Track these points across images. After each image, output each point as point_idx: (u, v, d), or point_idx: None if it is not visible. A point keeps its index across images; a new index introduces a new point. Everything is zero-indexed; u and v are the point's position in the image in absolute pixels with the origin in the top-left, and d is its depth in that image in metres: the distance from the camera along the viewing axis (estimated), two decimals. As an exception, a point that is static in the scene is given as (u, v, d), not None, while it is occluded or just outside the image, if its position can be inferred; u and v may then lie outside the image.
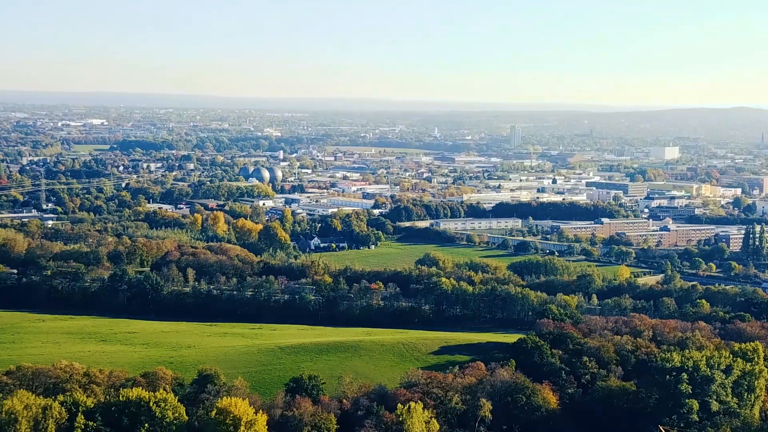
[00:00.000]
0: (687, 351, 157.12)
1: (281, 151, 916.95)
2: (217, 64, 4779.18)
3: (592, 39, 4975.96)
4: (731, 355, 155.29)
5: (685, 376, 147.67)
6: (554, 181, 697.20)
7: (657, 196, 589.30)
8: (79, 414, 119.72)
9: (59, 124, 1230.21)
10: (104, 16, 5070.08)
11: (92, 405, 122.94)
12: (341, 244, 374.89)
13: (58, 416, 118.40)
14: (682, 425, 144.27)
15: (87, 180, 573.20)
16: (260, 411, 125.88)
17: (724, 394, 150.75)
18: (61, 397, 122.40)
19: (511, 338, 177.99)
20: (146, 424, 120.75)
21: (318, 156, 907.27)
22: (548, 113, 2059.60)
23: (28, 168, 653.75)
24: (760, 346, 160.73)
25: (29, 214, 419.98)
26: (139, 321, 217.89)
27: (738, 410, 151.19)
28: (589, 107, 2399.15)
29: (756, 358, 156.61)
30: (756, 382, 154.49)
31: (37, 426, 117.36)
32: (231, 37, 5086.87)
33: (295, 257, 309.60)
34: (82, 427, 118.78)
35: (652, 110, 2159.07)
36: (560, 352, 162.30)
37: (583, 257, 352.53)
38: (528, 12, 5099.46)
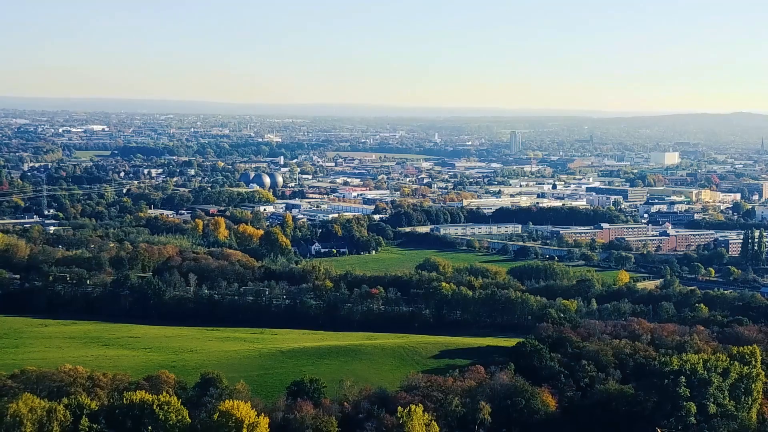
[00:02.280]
0: (685, 354, 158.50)
1: (282, 157, 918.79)
2: (218, 71, 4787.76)
3: (592, 45, 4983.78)
4: (729, 359, 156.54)
5: (683, 379, 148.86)
6: (554, 187, 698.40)
7: (657, 201, 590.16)
8: (83, 417, 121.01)
9: (60, 130, 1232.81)
10: (104, 22, 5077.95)
11: (96, 408, 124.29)
12: (342, 250, 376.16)
13: (62, 419, 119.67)
14: (679, 428, 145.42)
15: (88, 186, 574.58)
16: (262, 414, 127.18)
17: (722, 397, 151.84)
18: (65, 400, 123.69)
19: (510, 342, 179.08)
20: (150, 427, 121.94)
21: (318, 161, 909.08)
22: (548, 119, 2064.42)
23: (29, 174, 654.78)
24: (757, 350, 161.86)
25: (31, 220, 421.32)
26: (141, 326, 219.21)
27: (735, 413, 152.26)
28: (589, 113, 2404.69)
29: (753, 362, 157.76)
30: (753, 385, 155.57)
31: (42, 429, 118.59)
32: (231, 44, 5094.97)
33: (296, 262, 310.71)
34: (87, 429, 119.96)
35: (653, 116, 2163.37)
36: (559, 355, 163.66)
37: (583, 262, 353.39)
38: (529, 19, 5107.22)
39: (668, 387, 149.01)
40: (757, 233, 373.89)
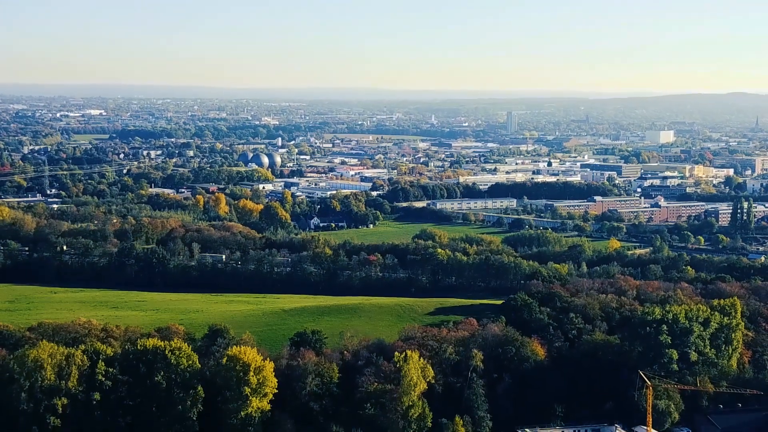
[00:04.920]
0: (668, 305, 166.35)
1: (279, 139, 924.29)
2: (215, 56, 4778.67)
3: (589, 27, 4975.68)
4: (710, 310, 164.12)
5: (665, 328, 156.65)
6: (549, 164, 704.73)
7: (650, 176, 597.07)
8: (100, 361, 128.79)
9: (58, 115, 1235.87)
10: (100, 9, 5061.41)
11: (111, 354, 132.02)
12: (340, 224, 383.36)
13: (80, 363, 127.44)
14: (662, 374, 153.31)
15: (88, 166, 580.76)
16: (267, 358, 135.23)
17: (703, 345, 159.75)
18: (82, 347, 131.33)
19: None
20: (162, 371, 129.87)
21: (316, 143, 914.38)
22: (545, 100, 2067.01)
23: (29, 156, 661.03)
24: (737, 302, 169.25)
25: (34, 199, 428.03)
26: (147, 292, 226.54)
27: (716, 361, 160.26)
28: (586, 95, 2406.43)
29: (734, 313, 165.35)
30: (733, 335, 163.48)
31: (61, 372, 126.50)
32: (228, 29, 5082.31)
33: (296, 234, 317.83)
34: (103, 373, 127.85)
35: (649, 96, 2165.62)
36: (548, 309, 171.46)
37: (576, 233, 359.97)
38: (527, 2, 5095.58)
39: (650, 335, 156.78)
40: (746, 204, 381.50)
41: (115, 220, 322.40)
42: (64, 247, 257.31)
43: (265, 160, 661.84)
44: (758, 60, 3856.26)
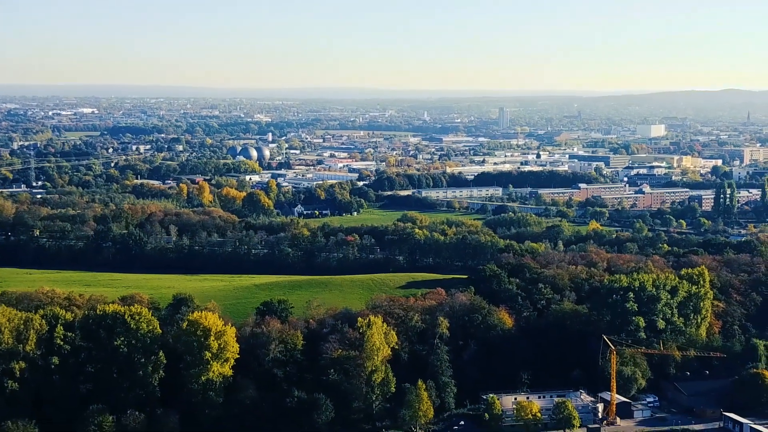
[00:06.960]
0: (635, 273, 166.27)
1: (270, 134, 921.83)
2: (208, 56, 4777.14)
3: (584, 27, 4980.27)
4: (677, 278, 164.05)
5: (632, 295, 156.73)
6: (538, 156, 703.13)
7: (637, 166, 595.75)
8: (59, 326, 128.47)
9: (50, 114, 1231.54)
10: (95, 10, 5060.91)
11: (71, 319, 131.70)
12: (324, 211, 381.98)
13: (38, 327, 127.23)
14: (629, 342, 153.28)
15: (76, 160, 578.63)
16: (229, 323, 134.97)
17: (671, 313, 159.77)
18: (41, 311, 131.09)
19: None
20: (122, 336, 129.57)
21: (307, 138, 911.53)
22: (538, 98, 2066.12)
23: (18, 151, 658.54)
24: (705, 271, 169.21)
25: (19, 189, 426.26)
26: (123, 274, 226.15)
27: (684, 329, 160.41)
28: (579, 92, 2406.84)
29: (702, 281, 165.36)
30: (702, 304, 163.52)
31: (20, 336, 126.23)
32: (222, 29, 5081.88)
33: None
34: (62, 337, 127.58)
35: (642, 93, 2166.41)
36: (517, 280, 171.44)
37: (559, 218, 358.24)
38: (523, 2, 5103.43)
39: (617, 303, 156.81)
40: (729, 189, 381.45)
41: (96, 207, 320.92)
42: (38, 232, 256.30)
43: (254, 153, 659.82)
44: (752, 57, 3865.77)
